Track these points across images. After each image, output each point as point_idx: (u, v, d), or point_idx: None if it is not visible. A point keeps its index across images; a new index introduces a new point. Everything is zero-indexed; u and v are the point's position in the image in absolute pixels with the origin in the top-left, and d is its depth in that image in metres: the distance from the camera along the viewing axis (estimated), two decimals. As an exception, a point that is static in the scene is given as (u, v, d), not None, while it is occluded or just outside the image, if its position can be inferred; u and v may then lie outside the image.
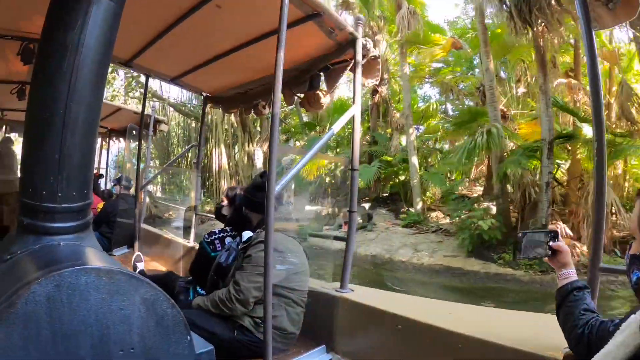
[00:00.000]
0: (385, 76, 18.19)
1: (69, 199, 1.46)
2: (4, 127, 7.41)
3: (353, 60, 2.82)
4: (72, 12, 1.48)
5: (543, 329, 1.94)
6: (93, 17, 1.50)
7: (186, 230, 5.87)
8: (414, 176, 15.41)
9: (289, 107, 20.21)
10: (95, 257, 1.31)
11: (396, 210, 16.71)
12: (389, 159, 17.20)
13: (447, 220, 14.85)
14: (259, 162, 19.96)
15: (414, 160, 15.52)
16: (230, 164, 21.43)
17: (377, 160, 16.97)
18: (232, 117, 18.71)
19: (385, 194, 18.64)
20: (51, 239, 1.47)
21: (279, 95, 1.77)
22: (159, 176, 17.24)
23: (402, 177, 17.84)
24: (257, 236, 2.41)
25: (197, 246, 3.56)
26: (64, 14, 1.49)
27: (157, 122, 7.82)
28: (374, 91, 18.61)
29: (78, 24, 1.48)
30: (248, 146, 21.20)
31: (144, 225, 5.74)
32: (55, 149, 1.42)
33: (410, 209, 16.19)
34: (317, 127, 20.44)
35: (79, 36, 1.48)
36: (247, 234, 2.56)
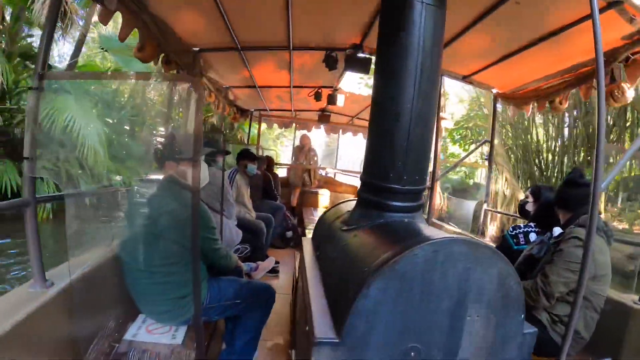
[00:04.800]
0: None
1: (412, 182, 1.71)
2: (293, 124, 8.80)
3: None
4: (409, 18, 1.71)
5: None
6: (427, 22, 1.72)
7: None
8: None
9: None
10: (440, 233, 1.49)
11: None
12: None
13: None
14: None
15: None
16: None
17: None
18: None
19: None
20: (393, 215, 1.74)
21: (603, 90, 1.69)
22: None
23: None
24: (570, 231, 2.34)
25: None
26: (402, 20, 1.73)
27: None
28: None
29: (416, 29, 1.71)
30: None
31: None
32: (404, 139, 1.67)
33: None
34: None
35: (418, 39, 1.71)
36: (557, 230, 2.52)
